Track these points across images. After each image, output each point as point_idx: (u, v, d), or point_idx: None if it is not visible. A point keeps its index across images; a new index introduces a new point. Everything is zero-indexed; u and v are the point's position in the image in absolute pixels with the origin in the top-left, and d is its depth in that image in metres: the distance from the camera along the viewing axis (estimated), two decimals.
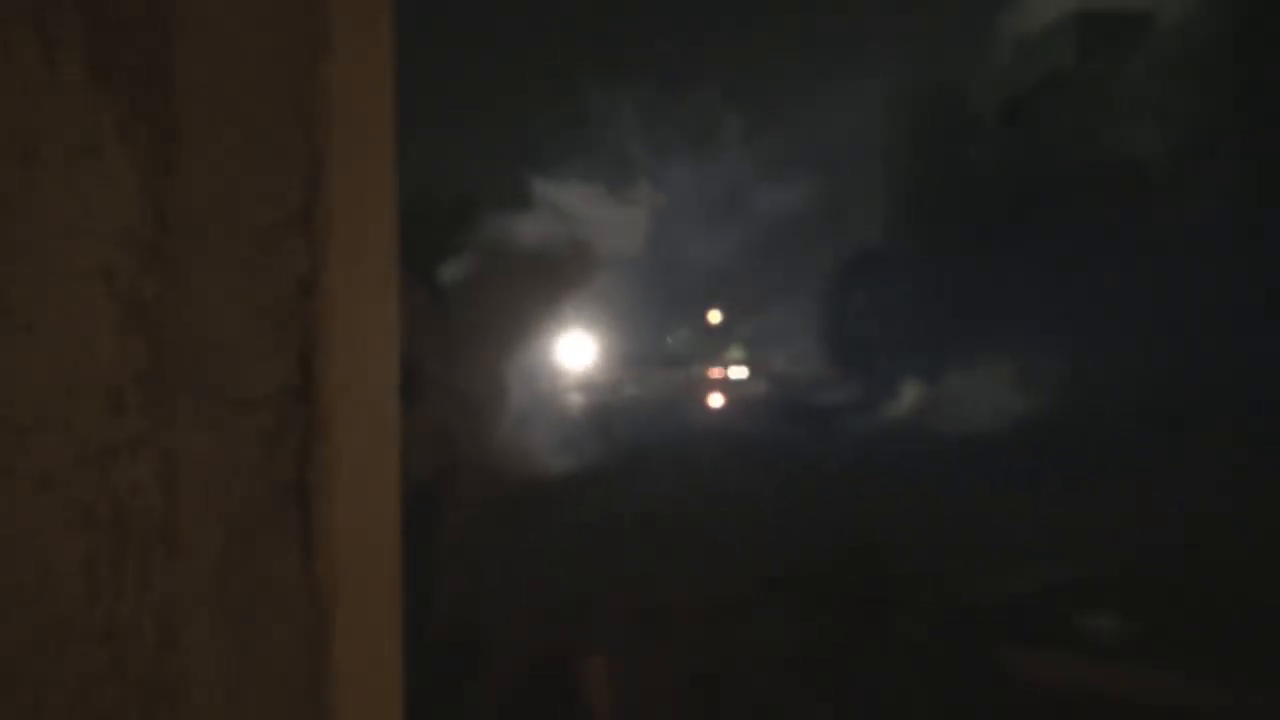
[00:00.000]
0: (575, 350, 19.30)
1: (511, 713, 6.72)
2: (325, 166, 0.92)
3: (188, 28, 0.73)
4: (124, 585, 0.69)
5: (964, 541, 10.05)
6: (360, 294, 1.06)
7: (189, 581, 0.78)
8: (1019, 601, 7.97)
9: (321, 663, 0.91)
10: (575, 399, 21.68)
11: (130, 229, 0.69)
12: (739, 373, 28.26)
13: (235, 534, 0.89)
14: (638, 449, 15.82)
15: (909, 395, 23.30)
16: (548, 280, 16.27)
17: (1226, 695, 5.87)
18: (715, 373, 28.60)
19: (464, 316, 13.85)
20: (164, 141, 0.72)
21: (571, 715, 6.51)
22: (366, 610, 1.08)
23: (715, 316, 30.46)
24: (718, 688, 6.70)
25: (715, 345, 30.01)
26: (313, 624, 0.90)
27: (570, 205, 18.59)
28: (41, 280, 0.63)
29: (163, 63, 0.71)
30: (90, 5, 0.62)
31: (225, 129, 0.80)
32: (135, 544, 0.71)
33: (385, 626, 1.16)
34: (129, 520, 0.70)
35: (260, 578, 0.90)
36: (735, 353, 29.13)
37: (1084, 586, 8.16)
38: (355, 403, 1.03)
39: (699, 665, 7.00)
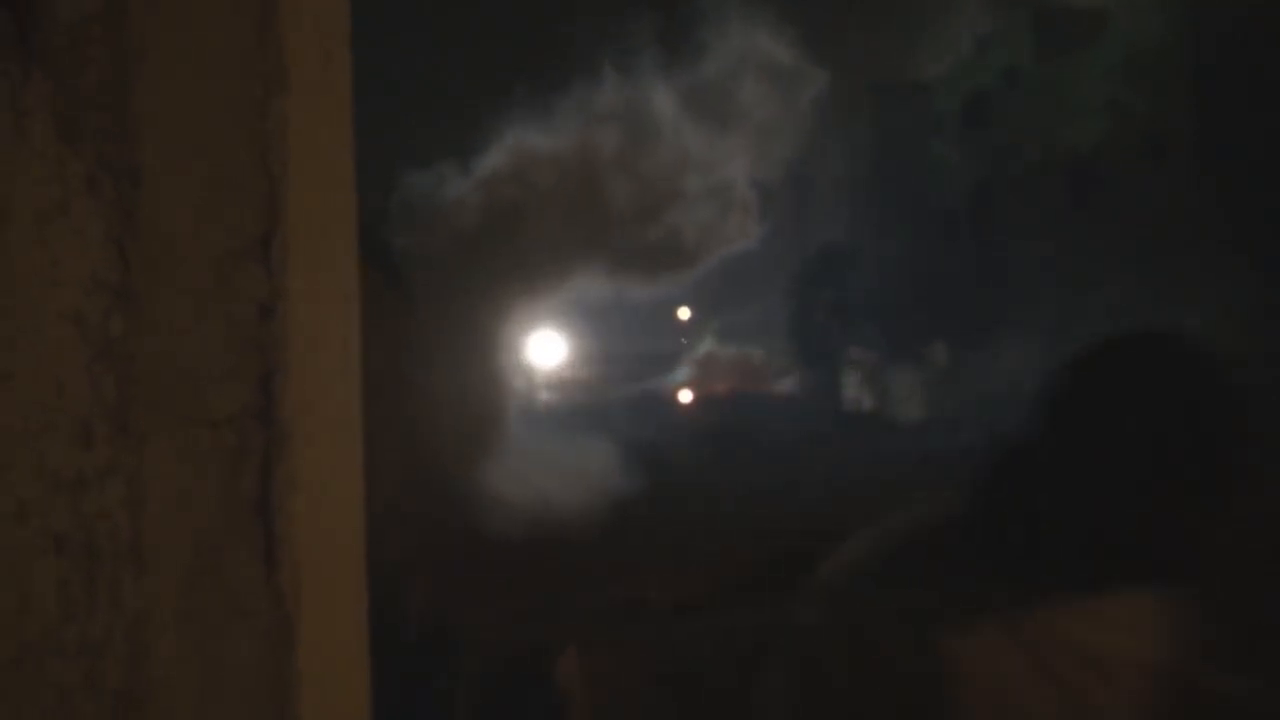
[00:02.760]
0: (546, 349, 19.22)
1: (487, 708, 6.77)
2: (283, 197, 0.97)
3: (147, 81, 0.78)
4: (95, 605, 0.75)
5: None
6: (320, 316, 1.12)
7: (158, 598, 0.83)
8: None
9: (287, 667, 0.97)
10: (549, 398, 21.68)
11: (97, 274, 0.74)
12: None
13: (202, 549, 0.94)
14: (614, 446, 15.83)
15: (874, 389, 23.60)
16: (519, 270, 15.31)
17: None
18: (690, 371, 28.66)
19: (436, 316, 13.56)
20: (128, 188, 0.78)
21: (547, 708, 6.58)
22: (331, 616, 1.14)
23: (685, 313, 30.52)
24: (690, 675, 6.80)
25: (687, 341, 30.10)
26: (277, 631, 0.95)
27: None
28: (16, 331, 0.69)
29: (125, 116, 0.76)
30: (58, 73, 0.67)
31: (184, 168, 0.85)
32: (105, 566, 0.76)
33: (351, 630, 1.22)
34: (98, 544, 0.75)
35: (226, 589, 0.96)
36: (707, 349, 29.22)
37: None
38: (317, 421, 1.08)
39: (673, 654, 7.09)
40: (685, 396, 26.05)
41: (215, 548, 0.94)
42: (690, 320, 30.15)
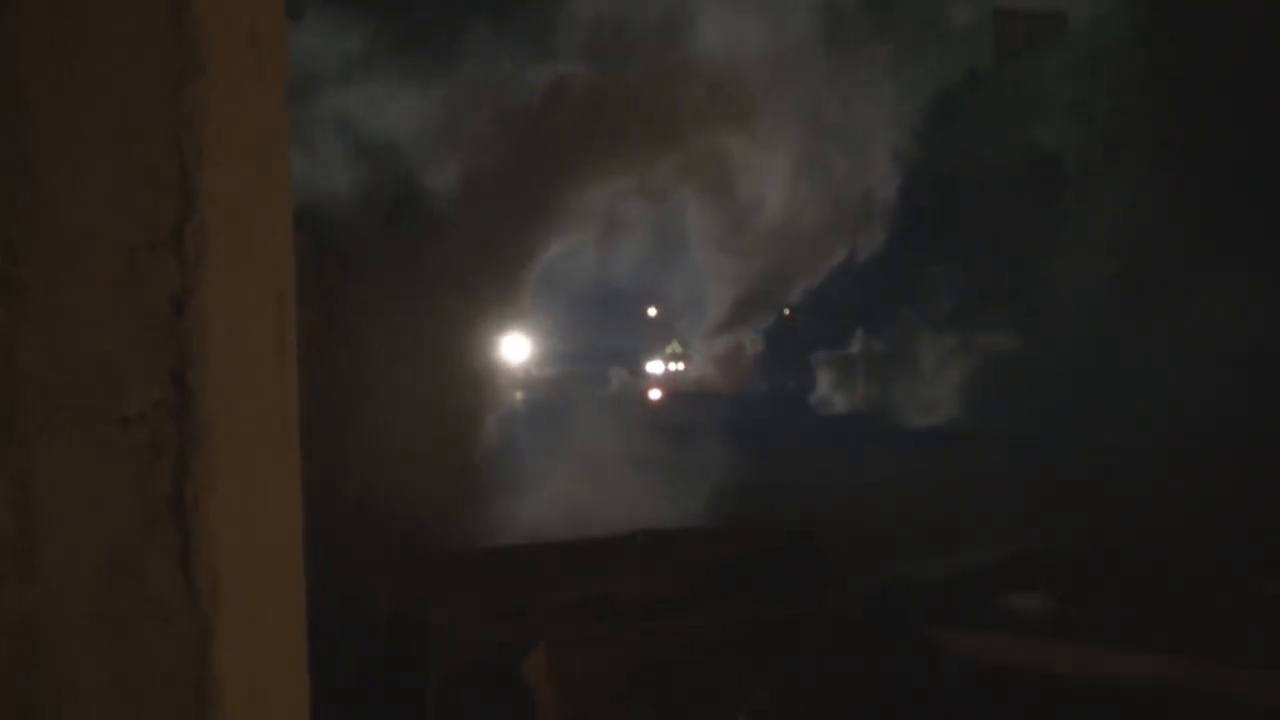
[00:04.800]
0: (513, 349, 19.08)
1: (456, 706, 6.73)
2: (197, 186, 0.94)
3: (40, 63, 0.75)
4: None
5: (895, 526, 10.34)
6: (246, 308, 1.08)
7: (54, 598, 0.79)
8: (949, 582, 8.24)
9: (205, 667, 0.93)
10: (519, 397, 21.55)
11: None
12: (677, 366, 28.33)
13: (115, 546, 0.91)
14: (583, 441, 15.79)
15: (844, 386, 23.74)
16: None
17: (1148, 666, 6.11)
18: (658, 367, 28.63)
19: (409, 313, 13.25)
20: (11, 174, 0.74)
21: (515, 706, 6.55)
22: (260, 615, 1.10)
23: (654, 312, 30.50)
24: (658, 673, 6.81)
25: (656, 341, 30.08)
26: (194, 630, 0.92)
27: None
28: None
29: (11, 99, 0.72)
30: None
31: (87, 155, 0.81)
32: None
33: (284, 629, 1.19)
34: None
35: (142, 587, 0.92)
36: (674, 348, 29.27)
37: (1010, 567, 8.47)
38: (239, 416, 1.05)
39: (640, 652, 7.09)
40: (654, 395, 26.05)
41: (129, 547, 0.91)
42: (659, 318, 30.14)
